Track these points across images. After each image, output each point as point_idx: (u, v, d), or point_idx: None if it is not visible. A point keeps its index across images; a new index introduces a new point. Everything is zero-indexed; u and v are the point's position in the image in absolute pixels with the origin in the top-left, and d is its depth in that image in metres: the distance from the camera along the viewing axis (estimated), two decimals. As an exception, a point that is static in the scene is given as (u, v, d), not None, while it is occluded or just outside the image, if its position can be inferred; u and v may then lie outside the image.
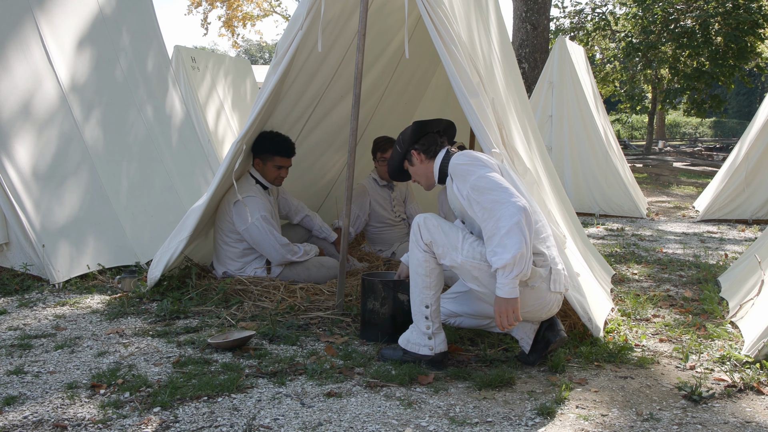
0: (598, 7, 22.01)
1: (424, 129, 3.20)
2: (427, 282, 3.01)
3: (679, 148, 26.19)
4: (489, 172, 2.90)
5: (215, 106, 10.71)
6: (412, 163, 3.26)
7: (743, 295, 3.97)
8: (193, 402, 2.66)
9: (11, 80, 4.68)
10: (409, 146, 3.22)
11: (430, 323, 3.03)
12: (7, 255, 4.61)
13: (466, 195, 2.92)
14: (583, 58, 9.75)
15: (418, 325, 3.06)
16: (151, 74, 5.97)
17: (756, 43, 18.76)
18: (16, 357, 3.17)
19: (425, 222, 2.99)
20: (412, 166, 3.27)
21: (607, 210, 8.85)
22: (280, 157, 4.38)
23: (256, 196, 4.30)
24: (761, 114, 8.56)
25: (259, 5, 25.76)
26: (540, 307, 2.98)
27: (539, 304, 2.97)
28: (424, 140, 3.20)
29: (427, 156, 3.21)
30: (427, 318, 3.02)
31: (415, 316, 3.07)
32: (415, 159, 3.23)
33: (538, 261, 2.95)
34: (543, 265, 2.95)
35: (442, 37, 3.41)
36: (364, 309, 3.48)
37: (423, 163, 3.22)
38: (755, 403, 2.76)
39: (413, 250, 3.03)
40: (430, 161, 3.21)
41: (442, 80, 5.85)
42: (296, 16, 3.80)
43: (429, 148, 3.20)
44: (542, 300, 2.96)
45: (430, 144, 3.20)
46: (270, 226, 4.26)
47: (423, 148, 3.20)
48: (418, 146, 3.21)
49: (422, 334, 3.04)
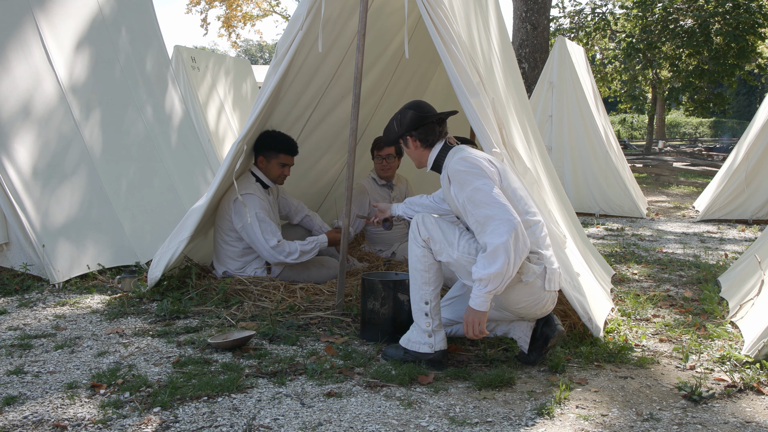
0: (598, 7, 22.00)
1: (423, 120, 3.18)
2: (425, 277, 3.03)
3: (679, 148, 26.19)
4: (486, 184, 2.90)
5: (215, 106, 10.72)
6: (407, 145, 3.26)
7: (743, 295, 3.97)
8: (193, 402, 2.66)
9: (11, 80, 4.68)
10: (406, 132, 3.21)
11: (430, 320, 3.04)
12: (7, 255, 4.61)
13: (462, 203, 2.97)
14: (583, 58, 9.75)
15: (418, 323, 3.07)
16: (150, 74, 5.97)
17: (756, 43, 18.76)
18: (16, 357, 3.17)
19: (423, 219, 3.04)
20: (407, 148, 3.27)
21: (607, 210, 8.85)
22: (284, 154, 4.38)
23: (254, 194, 4.29)
24: (761, 114, 8.56)
25: (258, 5, 25.76)
26: (533, 303, 3.01)
27: (533, 300, 3.00)
28: (422, 129, 3.19)
29: (423, 145, 3.21)
30: (427, 315, 3.04)
31: (415, 314, 3.08)
32: (410, 143, 3.23)
33: (533, 258, 2.98)
34: (537, 262, 2.99)
35: (442, 36, 3.41)
36: (364, 309, 3.48)
37: (418, 149, 3.23)
38: (755, 403, 2.76)
39: (412, 247, 3.07)
40: (426, 149, 3.22)
41: (441, 80, 5.85)
42: (296, 16, 3.80)
43: (426, 138, 3.19)
44: (536, 296, 2.99)
45: (427, 134, 3.19)
46: (264, 224, 4.23)
47: (420, 137, 3.19)
48: (415, 134, 3.20)
49: (422, 332, 3.05)
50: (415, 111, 3.18)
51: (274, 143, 4.36)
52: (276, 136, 4.40)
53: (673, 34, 18.30)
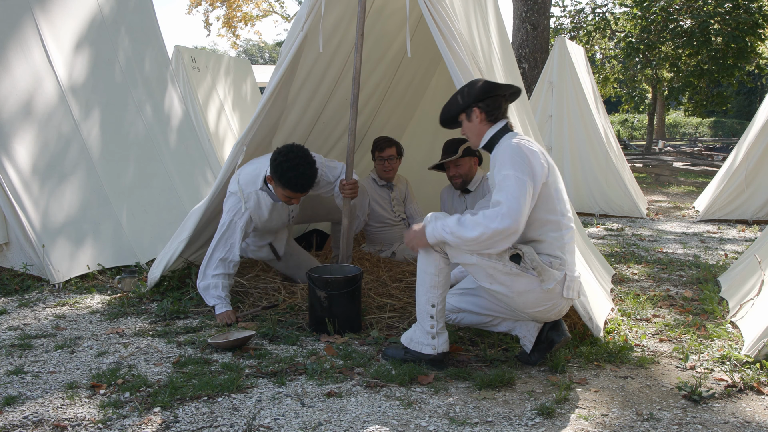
0: (598, 7, 22.00)
1: (494, 90, 3.07)
2: (435, 281, 3.00)
3: (679, 148, 26.19)
4: (519, 178, 2.81)
5: (216, 107, 10.71)
6: (470, 119, 3.12)
7: (743, 295, 3.97)
8: (193, 402, 2.66)
9: (11, 80, 4.68)
10: (474, 102, 3.08)
11: (435, 323, 3.03)
12: (7, 255, 4.61)
13: (494, 183, 2.94)
14: (583, 58, 9.74)
15: (421, 324, 3.06)
16: (150, 74, 5.97)
17: (756, 43, 18.75)
18: (16, 357, 3.17)
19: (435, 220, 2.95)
20: (469, 122, 3.14)
21: (607, 210, 8.84)
22: (290, 191, 3.77)
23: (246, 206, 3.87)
24: (761, 114, 8.55)
25: (258, 5, 25.75)
26: (550, 308, 2.99)
27: (550, 306, 2.97)
28: (490, 101, 3.07)
29: (487, 118, 3.10)
30: (432, 317, 3.02)
31: (419, 314, 3.07)
32: (474, 116, 3.10)
33: (555, 263, 2.93)
34: (559, 268, 2.94)
35: (444, 34, 3.41)
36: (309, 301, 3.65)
37: (481, 123, 3.10)
38: (755, 403, 2.76)
39: (423, 249, 3.00)
40: (488, 125, 3.10)
41: (442, 81, 5.85)
42: (298, 18, 3.82)
43: (492, 111, 3.07)
44: (553, 302, 2.96)
45: (494, 107, 3.07)
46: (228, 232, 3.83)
47: (487, 109, 3.07)
48: (482, 105, 3.07)
49: (426, 333, 3.04)
50: (484, 82, 3.08)
51: (283, 178, 3.69)
52: (286, 170, 3.67)
53: (672, 35, 18.30)
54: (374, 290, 4.25)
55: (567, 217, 3.00)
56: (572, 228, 3.02)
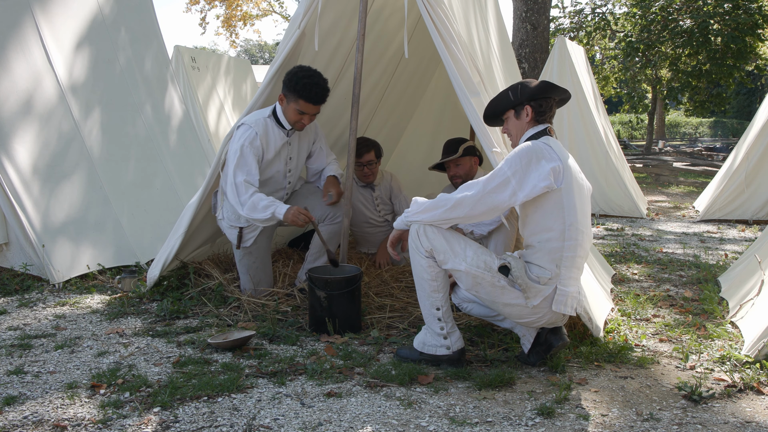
0: (598, 7, 22.00)
1: (549, 91, 3.01)
2: (434, 286, 3.00)
3: (679, 148, 26.20)
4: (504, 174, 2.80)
5: (216, 106, 10.72)
6: (519, 116, 3.05)
7: (743, 295, 3.97)
8: (193, 402, 2.66)
9: (11, 80, 4.68)
10: (527, 100, 3.01)
11: (444, 324, 3.03)
12: (7, 255, 4.61)
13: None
14: (583, 58, 9.74)
15: (431, 327, 3.06)
16: (150, 74, 5.98)
17: (756, 44, 18.75)
18: (16, 357, 3.17)
19: (424, 230, 2.93)
20: (517, 119, 3.06)
21: (607, 210, 8.84)
22: (304, 102, 3.71)
23: (253, 128, 3.77)
24: (761, 114, 8.55)
25: (257, 5, 25.75)
26: (536, 320, 2.97)
27: (536, 318, 2.96)
28: (543, 102, 3.01)
29: (535, 117, 3.02)
30: (440, 319, 3.03)
31: (426, 318, 3.07)
32: (525, 114, 3.03)
33: (543, 279, 2.88)
34: (548, 283, 2.89)
35: (443, 36, 3.41)
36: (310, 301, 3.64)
37: (529, 123, 3.03)
38: (755, 403, 2.76)
39: (415, 257, 2.99)
40: (533, 124, 3.03)
41: (441, 81, 5.85)
42: (295, 16, 3.83)
43: (542, 111, 3.02)
44: (539, 315, 2.94)
45: (545, 109, 3.02)
46: (243, 159, 3.68)
47: (538, 109, 3.01)
48: (535, 104, 3.01)
49: (437, 335, 3.05)
50: (543, 81, 3.03)
51: (297, 86, 3.64)
52: (301, 77, 3.65)
53: (672, 34, 18.30)
54: (374, 290, 4.26)
55: (575, 229, 2.86)
56: (577, 242, 2.88)
